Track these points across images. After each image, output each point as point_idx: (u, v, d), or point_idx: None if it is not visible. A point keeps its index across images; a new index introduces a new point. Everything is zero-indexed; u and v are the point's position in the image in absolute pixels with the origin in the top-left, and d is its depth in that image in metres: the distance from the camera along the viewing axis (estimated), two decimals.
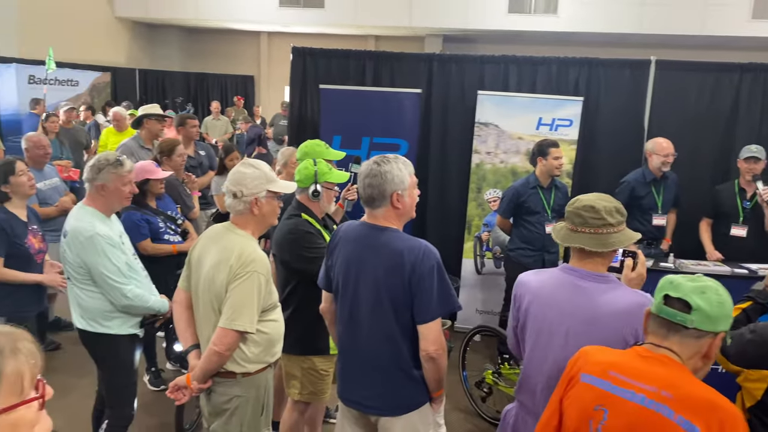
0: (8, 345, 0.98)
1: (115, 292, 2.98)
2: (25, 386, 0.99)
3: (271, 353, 2.59)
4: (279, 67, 16.69)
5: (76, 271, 3.00)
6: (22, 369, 0.99)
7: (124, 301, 3.01)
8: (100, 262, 2.94)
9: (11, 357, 0.98)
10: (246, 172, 2.55)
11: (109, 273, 2.96)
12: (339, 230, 2.55)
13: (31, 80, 10.67)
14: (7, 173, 3.52)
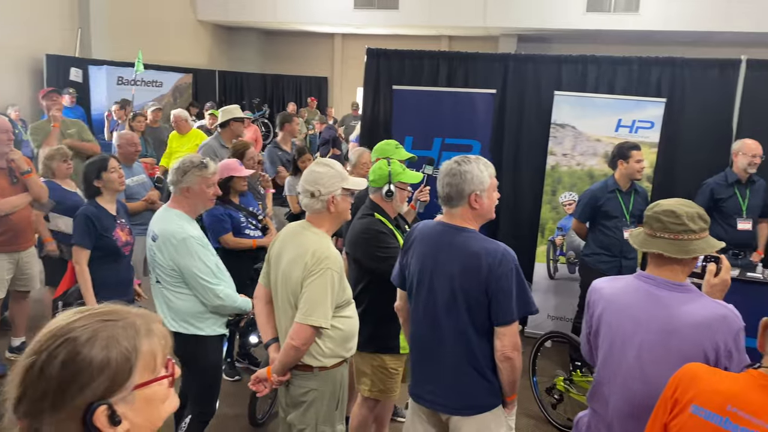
0: (144, 326, 1.07)
1: (208, 293, 3.02)
2: (158, 364, 1.07)
3: (345, 348, 2.65)
4: (352, 68, 16.91)
5: (168, 273, 3.04)
6: (155, 349, 1.07)
7: (217, 301, 3.05)
8: (194, 264, 2.98)
9: (146, 337, 1.06)
10: (321, 171, 2.61)
11: (202, 274, 3.00)
12: (415, 228, 2.57)
13: (119, 81, 11.26)
14: (100, 169, 3.69)
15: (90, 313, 1.06)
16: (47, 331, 1.03)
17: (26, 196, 4.34)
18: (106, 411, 0.98)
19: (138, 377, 1.03)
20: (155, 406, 1.07)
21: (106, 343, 1.01)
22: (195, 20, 15.53)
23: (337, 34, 17.19)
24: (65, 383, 0.97)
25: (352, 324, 2.68)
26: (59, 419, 0.97)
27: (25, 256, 4.49)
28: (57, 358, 0.98)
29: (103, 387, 0.99)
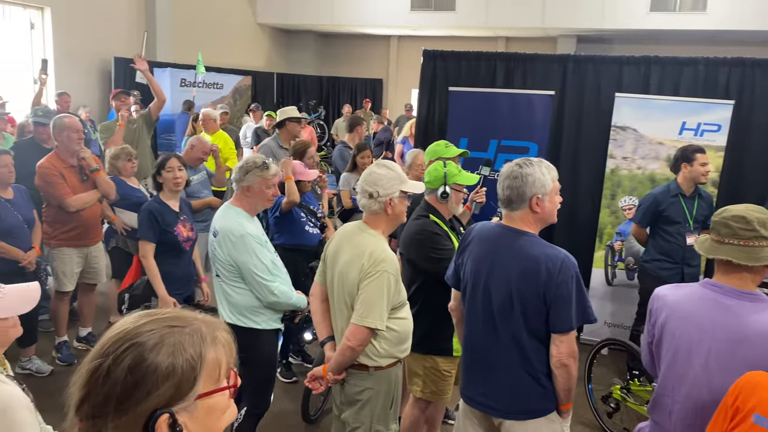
0: (209, 334, 1.04)
1: (263, 289, 3.10)
2: (221, 374, 1.05)
3: (400, 349, 2.66)
4: (407, 70, 16.93)
5: (226, 268, 3.14)
6: (220, 357, 1.04)
7: (271, 297, 3.12)
8: (250, 261, 3.07)
9: (212, 345, 1.03)
10: (381, 173, 2.62)
11: (258, 271, 3.08)
12: (472, 229, 2.56)
13: (182, 83, 11.62)
14: (161, 166, 3.87)
15: (157, 318, 1.04)
16: (114, 334, 1.02)
17: (95, 192, 4.55)
18: (168, 419, 0.97)
19: (202, 386, 1.01)
20: (216, 416, 1.05)
21: (172, 350, 0.99)
22: (255, 23, 15.87)
23: (393, 36, 17.26)
24: (130, 389, 0.96)
25: (406, 325, 2.69)
26: (121, 424, 0.96)
27: (93, 250, 4.70)
28: (123, 363, 0.97)
29: (168, 395, 0.97)
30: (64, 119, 4.52)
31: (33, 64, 10.26)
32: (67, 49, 10.36)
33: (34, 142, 5.26)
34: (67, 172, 4.43)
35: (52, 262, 4.56)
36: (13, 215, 4.12)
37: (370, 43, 17.55)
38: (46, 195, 4.45)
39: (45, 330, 4.97)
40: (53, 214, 4.48)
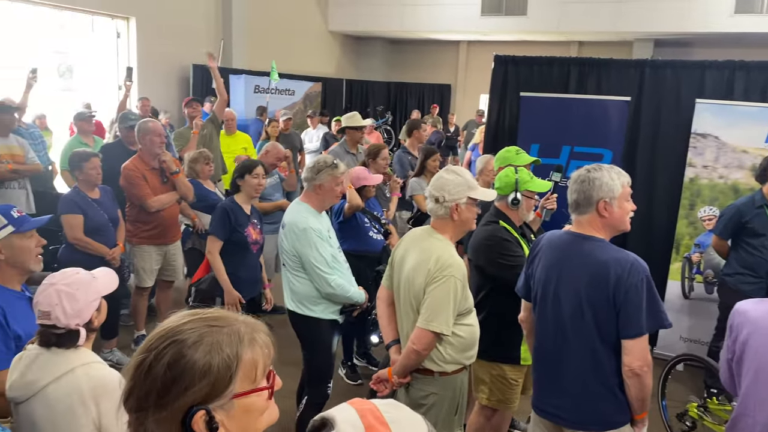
0: (248, 335, 1.07)
1: (321, 280, 3.27)
2: (258, 375, 1.07)
3: (466, 356, 2.65)
4: (476, 75, 16.82)
5: (290, 258, 3.35)
6: (257, 358, 1.07)
7: (328, 289, 3.28)
8: (310, 253, 3.25)
9: (249, 346, 1.06)
10: (449, 178, 2.63)
11: (317, 263, 3.25)
12: (542, 238, 2.53)
13: (256, 89, 11.98)
14: (245, 171, 4.00)
15: (199, 317, 1.07)
16: (158, 331, 1.06)
17: (174, 194, 4.76)
18: (204, 416, 0.99)
19: (238, 386, 1.03)
20: (253, 417, 1.07)
21: (209, 349, 1.01)
22: (326, 31, 16.18)
23: (462, 41, 17.19)
24: (169, 384, 0.99)
25: (473, 332, 2.68)
26: (162, 418, 1.00)
27: (171, 248, 4.91)
28: (163, 359, 1.00)
29: (204, 392, 1.00)
30: (148, 124, 4.76)
31: (118, 70, 10.83)
32: (150, 57, 10.88)
33: (120, 145, 5.55)
34: (149, 174, 4.65)
35: (133, 258, 4.80)
36: (99, 214, 4.37)
37: (438, 49, 17.54)
38: (130, 195, 4.69)
39: (125, 324, 5.22)
40: (135, 214, 4.71)
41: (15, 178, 5.19)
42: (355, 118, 6.06)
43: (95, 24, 10.39)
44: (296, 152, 8.09)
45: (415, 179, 5.69)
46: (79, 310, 1.85)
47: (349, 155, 5.86)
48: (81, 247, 4.24)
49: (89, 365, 1.85)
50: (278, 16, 13.82)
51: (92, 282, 1.93)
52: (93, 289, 1.91)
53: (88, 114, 6.34)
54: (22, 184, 5.29)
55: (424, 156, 5.74)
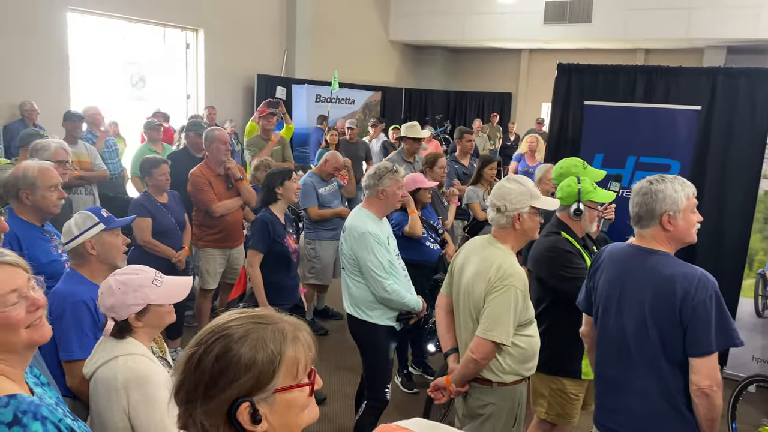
0: (291, 333, 1.13)
1: (377, 284, 3.29)
2: (300, 372, 1.12)
3: (525, 367, 2.61)
4: (537, 83, 16.59)
5: (349, 262, 3.39)
6: (299, 356, 1.12)
7: (384, 294, 3.30)
8: (367, 257, 3.28)
9: (292, 343, 1.12)
10: (511, 187, 2.61)
11: (374, 267, 3.28)
12: (603, 251, 2.46)
13: (317, 99, 12.21)
14: (284, 177, 4.03)
15: (246, 315, 1.14)
16: (208, 327, 1.13)
17: (238, 200, 4.89)
18: (248, 408, 1.05)
19: (280, 381, 1.08)
20: (294, 412, 1.11)
21: (254, 344, 1.07)
22: (387, 41, 16.31)
23: (524, 49, 17.00)
24: (216, 376, 1.05)
25: (533, 343, 2.64)
26: (209, 409, 1.06)
27: (234, 252, 5.04)
28: (212, 352, 1.07)
29: (249, 385, 1.06)
30: (215, 132, 4.92)
31: (187, 80, 11.26)
32: (216, 67, 11.26)
33: (186, 152, 5.76)
34: (214, 180, 4.80)
35: (198, 261, 4.96)
36: (167, 218, 4.53)
37: (499, 57, 17.40)
38: (196, 200, 4.85)
39: (189, 325, 5.38)
40: (201, 218, 4.87)
41: (82, 184, 5.45)
42: (414, 129, 6.07)
43: (166, 35, 10.82)
44: (361, 161, 8.15)
45: (471, 188, 5.66)
46: (113, 307, 1.97)
47: (406, 164, 5.88)
48: (149, 249, 4.41)
49: (131, 356, 1.95)
50: (340, 27, 14.04)
51: (144, 288, 2.00)
52: (140, 294, 1.99)
53: (156, 123, 6.61)
54: (89, 189, 5.56)
55: (481, 164, 5.70)
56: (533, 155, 7.46)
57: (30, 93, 7.86)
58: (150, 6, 9.83)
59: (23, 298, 1.44)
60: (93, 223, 2.43)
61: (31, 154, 4.00)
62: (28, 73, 8.08)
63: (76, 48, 9.00)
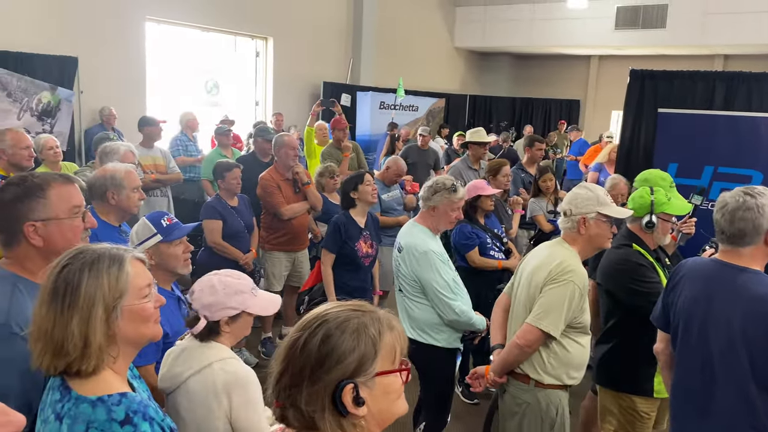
0: (386, 321, 1.19)
1: (445, 306, 3.14)
2: (396, 358, 1.18)
3: (568, 374, 2.58)
4: (607, 90, 16.16)
5: (409, 284, 3.24)
6: (395, 343, 1.18)
7: (452, 315, 3.15)
8: (433, 278, 3.14)
9: (389, 331, 1.17)
10: (579, 192, 2.64)
11: (440, 288, 3.14)
12: (683, 266, 2.35)
13: (381, 106, 12.28)
14: (358, 182, 4.11)
15: (342, 304, 1.20)
16: (308, 316, 1.19)
17: (305, 204, 4.98)
18: (352, 390, 1.09)
19: (380, 365, 1.13)
20: (391, 399, 1.16)
21: (356, 328, 1.13)
22: (452, 48, 16.26)
23: (593, 55, 16.59)
24: (322, 358, 1.10)
25: (581, 353, 2.60)
26: (314, 391, 1.10)
27: (300, 256, 5.13)
28: (317, 336, 1.12)
29: (352, 367, 1.11)
30: (284, 138, 5.03)
31: (256, 87, 11.57)
32: (284, 74, 11.52)
33: (253, 157, 5.91)
34: (283, 184, 4.91)
35: (264, 264, 5.06)
36: (237, 221, 4.67)
37: (567, 64, 17.04)
38: (265, 203, 4.97)
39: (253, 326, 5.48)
40: (269, 221, 4.98)
41: (158, 186, 5.67)
42: (480, 134, 6.01)
43: (237, 44, 11.16)
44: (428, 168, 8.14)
45: (533, 200, 5.54)
46: (210, 305, 1.99)
47: (471, 170, 5.83)
48: (218, 250, 4.54)
49: (225, 360, 1.97)
50: (405, 35, 14.10)
51: (243, 294, 2.04)
52: (239, 298, 2.02)
53: (226, 128, 6.83)
54: (164, 192, 5.78)
55: (538, 175, 5.59)
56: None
57: (109, 99, 8.26)
58: (222, 15, 10.17)
59: (152, 294, 1.51)
60: (150, 234, 2.43)
61: (100, 157, 4.17)
62: (108, 80, 8.50)
63: (152, 56, 9.39)
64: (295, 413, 1.12)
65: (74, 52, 7.88)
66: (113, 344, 1.41)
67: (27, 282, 1.71)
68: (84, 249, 1.44)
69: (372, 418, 1.13)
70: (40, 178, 1.82)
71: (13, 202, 1.74)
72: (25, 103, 7.15)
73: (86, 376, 1.38)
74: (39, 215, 1.75)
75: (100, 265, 1.40)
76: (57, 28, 7.92)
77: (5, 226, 1.75)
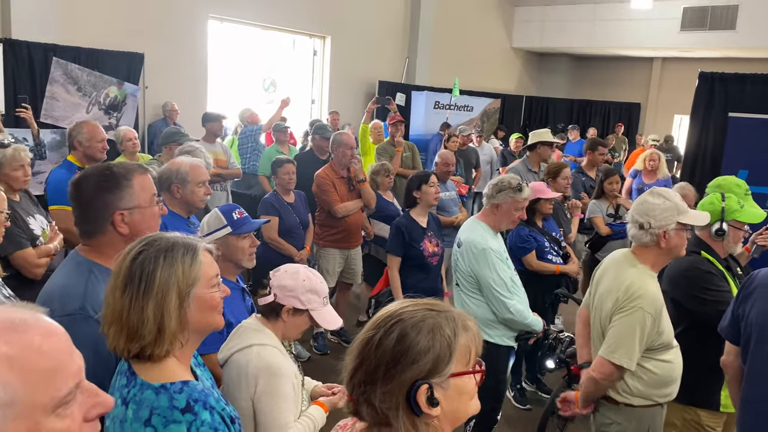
0: (462, 321, 1.17)
1: (500, 304, 3.16)
2: (471, 359, 1.16)
3: (659, 393, 2.47)
4: (670, 93, 15.64)
5: (465, 279, 3.27)
6: (470, 344, 1.16)
7: (507, 314, 3.16)
8: (489, 275, 3.15)
9: (463, 331, 1.15)
10: (656, 202, 2.46)
11: (496, 286, 3.15)
12: (756, 276, 2.25)
13: (435, 105, 12.22)
14: (422, 181, 4.08)
15: (417, 303, 1.17)
16: (382, 313, 1.17)
17: (359, 202, 5.00)
18: (426, 391, 1.07)
19: (454, 366, 1.11)
20: (464, 400, 1.14)
21: (431, 328, 1.11)
22: (509, 48, 16.06)
23: (656, 57, 16.08)
24: (398, 357, 1.09)
25: (670, 369, 2.49)
26: (388, 390, 1.09)
27: (353, 253, 5.17)
28: (392, 334, 1.11)
29: (427, 368, 1.09)
30: (342, 136, 5.07)
31: (313, 85, 11.70)
32: (341, 73, 11.61)
33: (311, 154, 5.98)
34: (338, 182, 4.95)
35: (318, 260, 5.12)
36: (292, 217, 4.72)
37: (629, 65, 16.57)
38: (320, 200, 5.02)
39: None
40: (324, 218, 5.03)
41: (218, 181, 5.80)
42: (547, 133, 5.86)
43: (296, 43, 11.31)
44: (471, 168, 8.09)
45: (594, 201, 5.42)
46: (284, 287, 2.05)
47: (531, 173, 5.72)
48: (274, 246, 4.61)
49: (264, 347, 2.01)
50: (462, 34, 14.00)
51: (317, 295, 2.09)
52: (311, 297, 2.07)
53: (283, 126, 6.93)
54: (223, 186, 5.91)
55: (603, 177, 5.44)
56: (653, 173, 6.88)
57: (172, 94, 8.51)
58: (282, 15, 10.32)
59: (219, 284, 1.54)
60: (221, 226, 2.49)
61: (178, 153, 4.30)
62: (171, 76, 8.75)
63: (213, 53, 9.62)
64: (368, 409, 1.11)
65: (141, 49, 8.14)
66: (184, 331, 1.44)
67: (102, 268, 1.78)
68: (158, 237, 1.48)
69: (445, 418, 1.12)
70: (122, 168, 1.89)
71: (103, 192, 1.82)
72: (93, 97, 7.46)
73: (156, 361, 1.42)
74: (126, 204, 1.83)
75: (175, 253, 1.44)
76: (125, 26, 8.20)
77: (94, 215, 1.83)
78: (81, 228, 1.86)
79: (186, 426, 1.35)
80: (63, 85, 7.14)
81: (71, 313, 1.65)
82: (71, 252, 1.91)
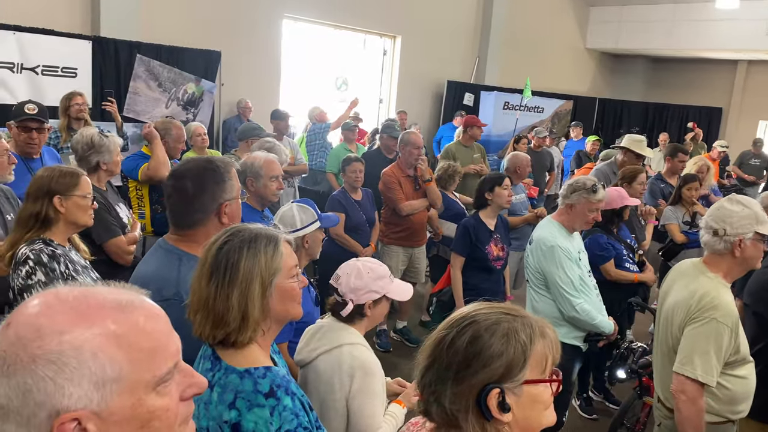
0: (539, 328, 1.13)
1: (565, 302, 3.15)
2: (547, 367, 1.12)
3: (732, 410, 2.36)
4: (755, 98, 14.87)
5: (534, 275, 3.29)
6: (547, 352, 1.12)
7: (572, 312, 3.16)
8: (556, 272, 3.15)
9: (540, 338, 1.12)
10: (733, 209, 2.35)
11: (563, 283, 3.14)
12: None
13: (505, 106, 12.04)
14: (495, 183, 4.04)
15: (493, 306, 1.15)
16: (456, 314, 1.15)
17: (425, 201, 5.01)
18: (498, 395, 1.05)
19: (529, 373, 1.08)
20: (538, 409, 1.10)
21: (506, 332, 1.08)
22: (583, 49, 15.65)
23: (741, 60, 15.29)
24: (469, 358, 1.07)
25: (744, 385, 2.37)
26: (459, 391, 1.07)
27: (417, 252, 5.18)
28: (464, 335, 1.09)
29: (499, 372, 1.06)
30: (411, 136, 5.09)
31: (381, 84, 11.77)
32: (410, 73, 11.63)
33: (378, 153, 6.02)
34: (404, 181, 4.97)
35: (382, 257, 5.14)
36: (359, 214, 4.78)
37: (710, 68, 15.82)
38: (386, 198, 5.05)
39: None
40: (389, 216, 5.07)
41: (286, 177, 5.90)
42: (642, 145, 5.60)
43: (366, 42, 11.41)
44: (544, 170, 7.93)
45: (669, 207, 5.21)
46: (357, 288, 2.06)
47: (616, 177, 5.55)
48: (339, 242, 4.68)
49: (355, 345, 2.04)
50: (535, 34, 13.75)
51: (384, 279, 2.11)
52: (381, 283, 2.10)
53: (352, 124, 7.02)
54: (291, 182, 6.04)
55: (682, 183, 5.22)
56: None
57: (246, 92, 8.75)
58: (353, 14, 10.43)
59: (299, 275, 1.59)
60: (313, 220, 2.64)
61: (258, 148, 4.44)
62: (246, 74, 9.00)
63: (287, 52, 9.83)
64: (438, 409, 1.10)
65: (218, 47, 8.41)
66: (266, 319, 1.49)
67: (190, 256, 1.87)
68: (242, 228, 1.54)
69: (516, 425, 1.08)
70: (222, 161, 2.03)
71: (213, 184, 1.94)
72: (173, 93, 7.76)
73: (239, 347, 1.46)
74: (229, 195, 1.97)
75: (258, 244, 1.49)
76: (204, 24, 8.50)
77: (201, 206, 1.94)
78: (179, 218, 1.96)
79: (269, 410, 1.39)
80: (145, 81, 7.46)
81: (168, 298, 1.73)
82: (159, 240, 2.01)
